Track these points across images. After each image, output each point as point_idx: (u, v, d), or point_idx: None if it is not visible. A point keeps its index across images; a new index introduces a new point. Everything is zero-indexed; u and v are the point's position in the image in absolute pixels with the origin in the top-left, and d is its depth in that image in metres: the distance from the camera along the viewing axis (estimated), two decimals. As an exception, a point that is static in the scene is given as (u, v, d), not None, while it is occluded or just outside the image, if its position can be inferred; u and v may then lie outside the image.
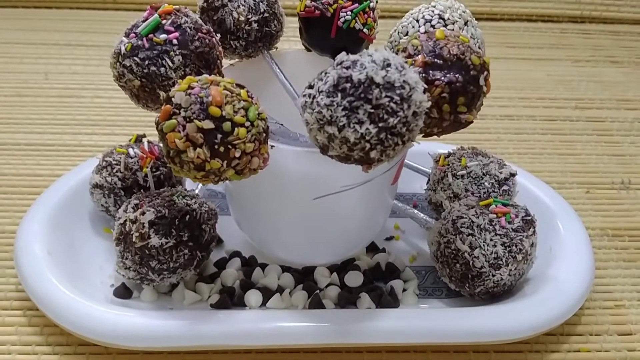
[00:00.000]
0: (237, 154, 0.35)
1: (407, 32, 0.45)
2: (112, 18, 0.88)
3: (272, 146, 0.38)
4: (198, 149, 0.34)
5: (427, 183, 0.52)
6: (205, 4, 0.45)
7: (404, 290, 0.46)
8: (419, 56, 0.38)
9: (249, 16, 0.45)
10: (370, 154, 0.34)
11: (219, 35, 0.43)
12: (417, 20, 0.44)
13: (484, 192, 0.48)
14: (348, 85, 0.33)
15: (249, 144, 0.35)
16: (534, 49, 0.88)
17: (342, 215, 0.44)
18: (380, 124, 0.33)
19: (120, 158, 0.47)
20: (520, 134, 0.69)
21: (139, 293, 0.44)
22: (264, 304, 0.44)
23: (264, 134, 0.36)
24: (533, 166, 0.63)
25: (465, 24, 0.44)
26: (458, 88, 0.37)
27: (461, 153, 0.50)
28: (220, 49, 0.42)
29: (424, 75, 0.37)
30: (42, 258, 0.43)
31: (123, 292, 0.44)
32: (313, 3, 0.45)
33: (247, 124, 0.35)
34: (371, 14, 0.45)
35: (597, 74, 0.82)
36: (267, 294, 0.44)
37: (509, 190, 0.49)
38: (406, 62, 0.38)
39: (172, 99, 0.35)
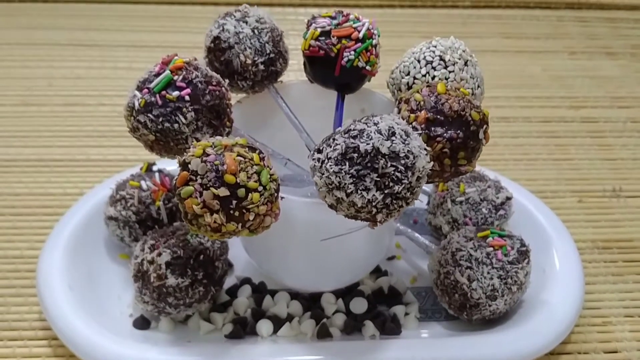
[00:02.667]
0: (251, 217, 0.37)
1: (409, 71, 0.46)
2: (111, 13, 0.88)
3: (282, 197, 0.40)
4: (215, 215, 0.36)
5: (428, 204, 0.54)
6: (212, 44, 0.47)
7: (406, 314, 0.49)
8: (422, 112, 0.40)
9: (256, 58, 0.46)
10: (376, 217, 0.36)
11: (226, 80, 0.44)
12: (419, 61, 0.46)
13: (482, 218, 0.51)
14: (355, 155, 0.35)
15: (262, 206, 0.37)
16: (530, 40, 0.89)
17: (349, 250, 0.46)
18: (386, 191, 0.35)
19: (134, 192, 0.49)
20: (517, 137, 0.71)
21: (157, 323, 0.47)
22: (274, 332, 0.47)
23: (276, 194, 0.38)
24: (528, 174, 0.66)
25: (465, 63, 0.46)
26: (459, 144, 0.39)
27: (460, 178, 0.52)
28: (229, 95, 0.43)
29: (426, 131, 0.39)
30: (64, 294, 0.46)
31: (142, 324, 0.47)
32: (317, 43, 0.46)
33: (260, 188, 0.37)
34: (373, 50, 0.47)
35: (593, 68, 0.83)
36: (277, 322, 0.47)
37: (505, 214, 0.52)
38: (409, 117, 0.40)
39: (189, 165, 0.37)
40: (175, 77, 0.41)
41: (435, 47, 0.46)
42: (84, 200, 0.54)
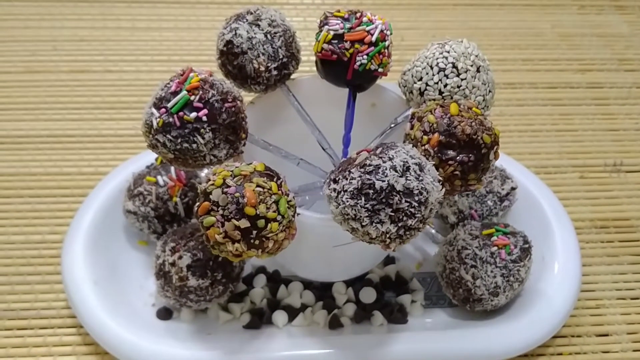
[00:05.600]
0: (271, 245, 0.39)
1: (421, 77, 0.46)
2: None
3: (297, 214, 0.42)
4: (236, 244, 0.38)
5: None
6: (224, 48, 0.46)
7: (412, 301, 0.52)
8: (434, 134, 0.41)
9: (269, 64, 0.46)
10: (390, 246, 0.38)
11: (241, 91, 0.44)
12: (432, 67, 0.46)
13: (487, 210, 0.53)
14: (371, 191, 0.37)
15: (281, 233, 0.39)
16: (540, -10, 0.87)
17: (360, 248, 0.48)
18: (399, 224, 0.37)
19: (152, 189, 0.51)
20: (522, 106, 0.71)
21: (179, 313, 0.50)
22: (289, 321, 0.50)
23: (293, 218, 0.40)
24: (532, 147, 0.67)
25: (478, 70, 0.46)
26: (470, 167, 0.41)
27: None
28: (245, 108, 0.44)
29: (438, 155, 0.40)
30: (90, 291, 0.48)
31: (164, 314, 0.50)
32: (330, 47, 0.46)
33: (279, 217, 0.38)
34: (386, 52, 0.47)
35: (601, 24, 0.82)
36: (291, 312, 0.50)
37: (509, 204, 0.54)
38: (422, 138, 0.41)
39: (210, 196, 0.38)
40: (192, 97, 0.41)
41: (449, 52, 0.46)
42: (100, 187, 0.55)
